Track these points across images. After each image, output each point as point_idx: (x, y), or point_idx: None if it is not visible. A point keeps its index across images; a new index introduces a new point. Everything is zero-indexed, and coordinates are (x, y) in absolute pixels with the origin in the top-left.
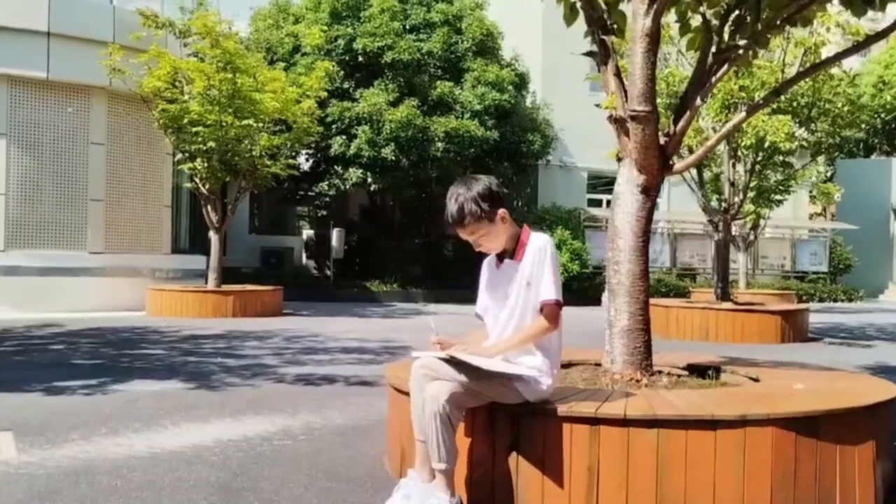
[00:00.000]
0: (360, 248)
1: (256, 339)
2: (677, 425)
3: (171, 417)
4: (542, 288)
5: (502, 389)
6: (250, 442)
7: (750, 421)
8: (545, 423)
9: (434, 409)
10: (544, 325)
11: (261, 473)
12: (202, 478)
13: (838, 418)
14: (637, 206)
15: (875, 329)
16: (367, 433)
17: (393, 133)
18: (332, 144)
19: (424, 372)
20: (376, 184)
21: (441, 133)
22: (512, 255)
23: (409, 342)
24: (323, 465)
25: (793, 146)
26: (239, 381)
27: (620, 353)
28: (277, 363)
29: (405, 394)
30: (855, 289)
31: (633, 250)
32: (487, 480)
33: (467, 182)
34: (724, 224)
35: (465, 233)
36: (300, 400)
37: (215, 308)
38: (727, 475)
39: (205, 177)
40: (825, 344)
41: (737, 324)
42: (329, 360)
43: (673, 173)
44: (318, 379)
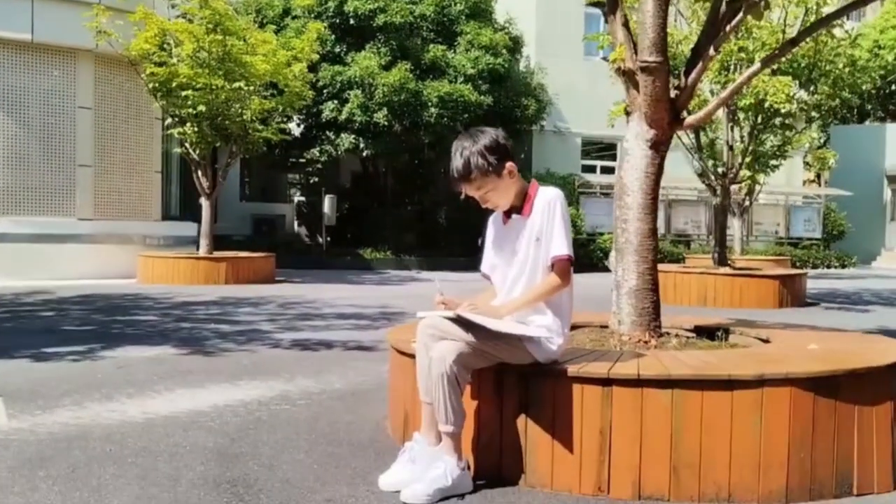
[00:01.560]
0: (352, 215)
1: (250, 305)
2: (693, 386)
3: (165, 383)
4: (552, 243)
5: (511, 350)
6: (247, 407)
7: (768, 381)
8: (555, 384)
9: (441, 370)
10: (556, 283)
11: (259, 438)
12: (199, 443)
13: (858, 378)
14: (646, 162)
15: (871, 294)
16: (367, 398)
17: (385, 98)
18: (324, 109)
19: (431, 332)
20: (369, 149)
21: (434, 98)
22: (520, 211)
23: (406, 308)
24: (323, 429)
25: (792, 108)
26: (234, 347)
27: (628, 314)
28: (273, 329)
29: (409, 356)
30: (848, 255)
31: (642, 208)
32: (495, 443)
33: (473, 135)
34: (722, 189)
35: (471, 188)
36: (297, 365)
37: (207, 275)
38: (743, 437)
39: (195, 142)
40: (823, 309)
41: (735, 289)
42: (325, 325)
43: (685, 128)
44: (314, 344)
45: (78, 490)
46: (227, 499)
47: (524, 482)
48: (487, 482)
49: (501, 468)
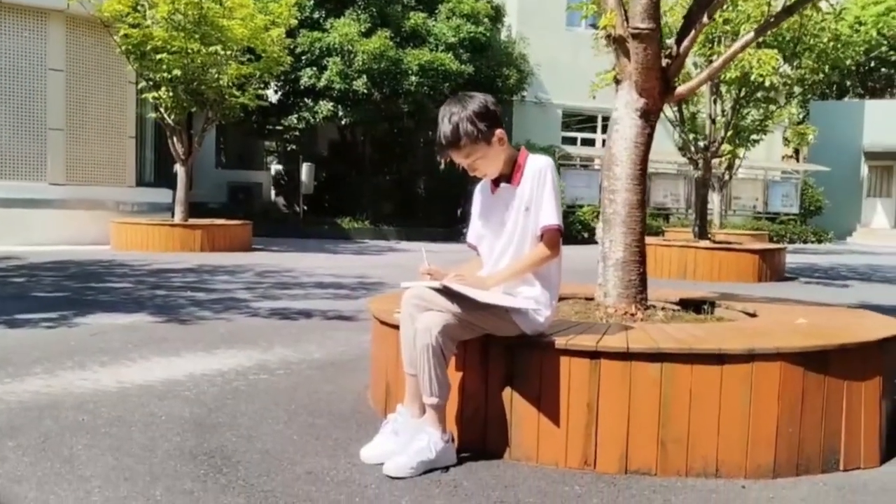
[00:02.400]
0: (330, 184)
1: (227, 273)
2: (682, 359)
3: (140, 351)
4: (541, 213)
5: (498, 321)
6: (225, 376)
7: (758, 355)
8: (542, 357)
9: (426, 341)
10: (544, 253)
11: (237, 408)
12: (175, 413)
13: (849, 353)
14: (636, 132)
15: (847, 269)
16: (347, 368)
17: (365, 65)
18: (302, 76)
19: (416, 302)
20: (347, 117)
21: (415, 66)
22: (509, 180)
23: (385, 278)
24: (302, 400)
25: (777, 81)
26: (211, 315)
27: (614, 286)
28: (250, 297)
29: (392, 326)
30: (825, 230)
31: (631, 178)
32: (479, 416)
33: (461, 100)
34: (704, 162)
35: (459, 155)
36: (275, 334)
37: (183, 242)
38: (732, 412)
39: (170, 107)
40: (801, 283)
41: (714, 262)
42: (304, 294)
43: (676, 97)
44: (293, 313)
45: (49, 461)
46: (204, 470)
47: (509, 455)
48: (471, 455)
49: (486, 441)
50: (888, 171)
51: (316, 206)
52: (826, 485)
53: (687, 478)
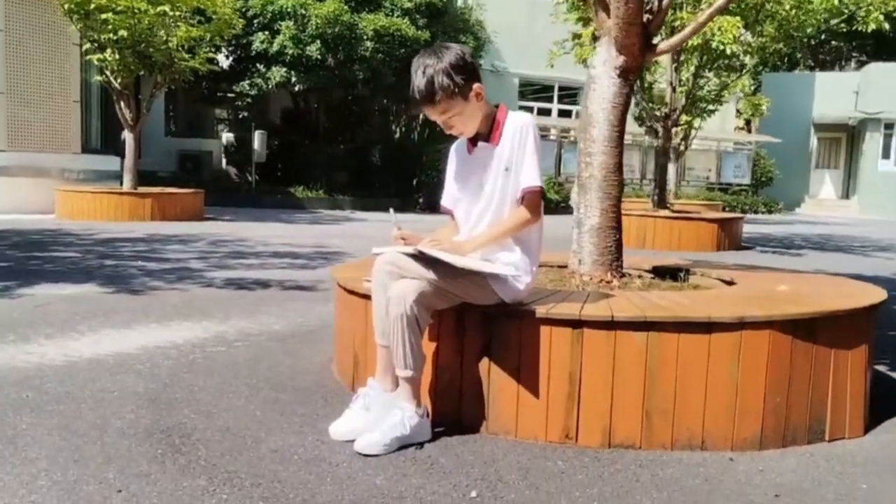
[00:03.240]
0: (282, 152)
1: (179, 242)
2: (670, 328)
3: (89, 323)
4: (522, 174)
5: (476, 289)
6: (180, 349)
7: (748, 323)
8: (522, 326)
9: (400, 311)
10: (525, 217)
11: (195, 383)
12: (128, 388)
13: (837, 321)
14: (614, 92)
15: (801, 239)
16: (309, 340)
17: (319, 30)
18: (254, 41)
19: (389, 269)
20: (301, 84)
21: (370, 31)
22: (487, 138)
23: (343, 248)
24: (264, 373)
25: (738, 49)
26: (163, 285)
27: (590, 253)
28: (204, 267)
29: (358, 295)
30: (775, 201)
31: (608, 140)
32: (454, 389)
33: (436, 51)
34: (664, 131)
35: (434, 112)
36: (232, 305)
37: (132, 211)
38: (720, 382)
39: (116, 70)
40: (758, 252)
41: (674, 231)
42: (259, 264)
43: (657, 54)
44: (249, 283)
45: None
46: (161, 450)
47: (486, 429)
48: (446, 429)
49: (461, 415)
50: (836, 143)
51: (268, 175)
52: (813, 456)
53: (672, 451)
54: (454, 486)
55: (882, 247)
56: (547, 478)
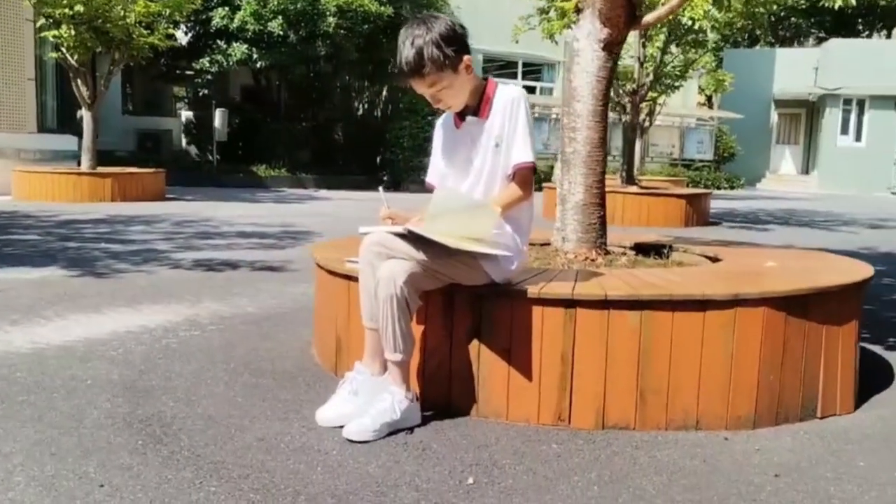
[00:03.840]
0: (243, 130)
1: (142, 223)
2: (664, 306)
3: (55, 308)
4: (514, 149)
5: (466, 269)
6: (152, 334)
7: (742, 301)
8: (512, 307)
9: (390, 292)
10: (517, 193)
11: (171, 369)
12: (101, 376)
13: (829, 297)
14: (598, 65)
15: (765, 214)
16: (284, 322)
17: (280, 5)
18: (213, 17)
19: (378, 250)
20: (262, 61)
21: (333, 7)
22: (476, 112)
23: (311, 227)
24: (241, 358)
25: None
26: (129, 268)
27: (574, 231)
28: (170, 248)
29: (340, 276)
30: (737, 176)
31: (592, 115)
32: (443, 372)
33: (425, 21)
34: (632, 107)
35: (422, 85)
36: (202, 287)
37: (92, 192)
38: (714, 360)
39: (72, 46)
40: (726, 227)
41: (643, 207)
42: (227, 244)
43: (642, 26)
44: (218, 264)
45: None
46: (142, 441)
47: (476, 413)
48: (436, 413)
49: (451, 398)
50: (796, 119)
51: (230, 154)
52: (808, 433)
53: (667, 431)
54: (449, 472)
55: (845, 221)
56: (543, 461)
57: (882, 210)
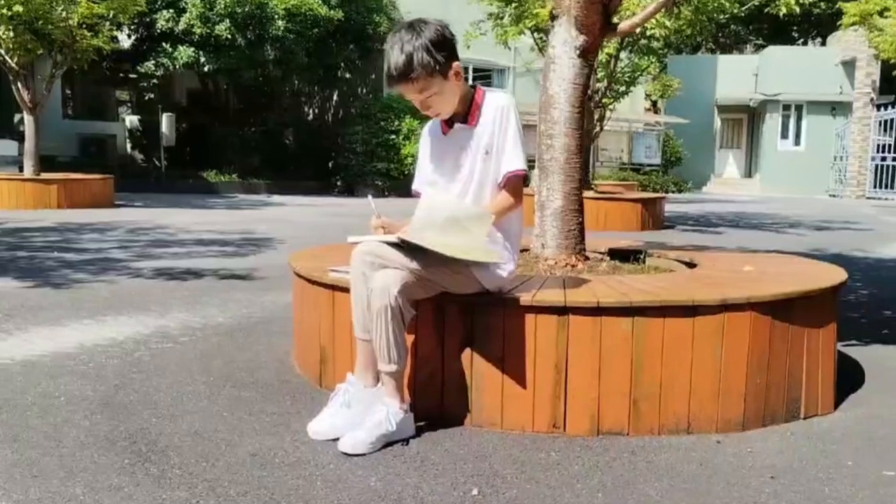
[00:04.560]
0: (191, 135)
1: (94, 231)
2: (655, 313)
3: (14, 321)
4: (504, 157)
5: (459, 278)
6: (122, 347)
7: (730, 306)
8: (505, 315)
9: (384, 303)
10: (509, 202)
11: (148, 383)
12: (75, 392)
13: (811, 300)
14: (574, 72)
15: (716, 217)
16: (258, 332)
17: (228, 8)
18: (158, 19)
19: (370, 259)
20: (210, 64)
21: (281, 10)
22: (464, 119)
23: (271, 233)
24: (219, 370)
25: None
26: (87, 278)
27: (553, 237)
28: (127, 257)
29: (323, 286)
30: (684, 180)
31: (569, 122)
32: (436, 382)
33: (415, 26)
34: (588, 112)
35: (411, 90)
36: (168, 297)
37: (36, 198)
38: (704, 364)
39: (12, 48)
40: (680, 231)
41: (600, 211)
42: (186, 252)
43: (618, 34)
44: (181, 273)
45: None
46: (128, 460)
47: (470, 422)
48: (429, 423)
49: (443, 408)
50: (738, 124)
51: (177, 159)
52: (794, 434)
53: (660, 436)
54: (452, 484)
55: (791, 223)
56: (544, 470)
57: (824, 212)
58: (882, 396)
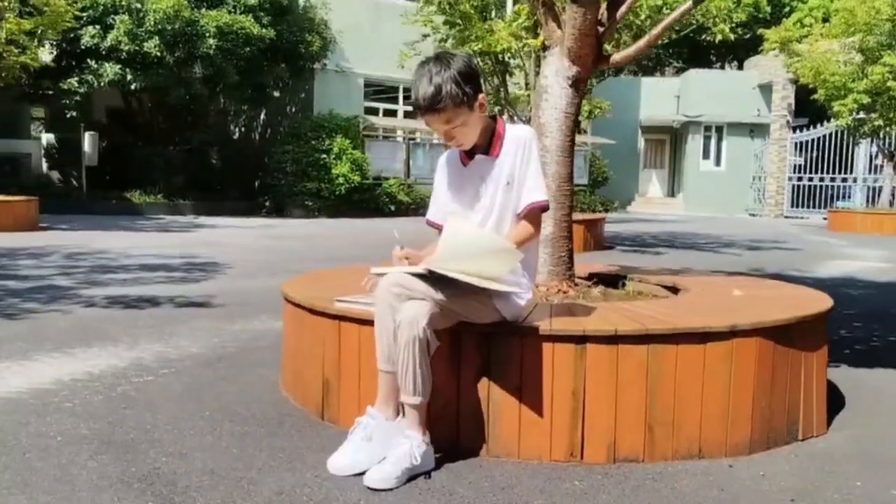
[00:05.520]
0: (112, 154)
1: (29, 256)
2: (669, 340)
3: None
4: (525, 188)
5: (480, 307)
6: (102, 381)
7: (739, 332)
8: (523, 344)
9: (413, 334)
10: (530, 231)
11: (142, 420)
12: (69, 430)
13: (809, 325)
14: (566, 102)
15: (650, 237)
16: (238, 363)
17: (158, 25)
18: (83, 35)
19: (397, 291)
20: (137, 82)
21: (213, 28)
22: (486, 151)
23: (213, 257)
24: (212, 404)
25: None
26: (39, 307)
27: (544, 263)
28: (74, 284)
29: (328, 316)
30: (610, 200)
31: (561, 150)
32: (451, 412)
33: (442, 58)
34: None
35: (438, 121)
36: (131, 327)
37: None
38: (714, 390)
39: None
40: (621, 252)
41: None
42: (133, 278)
43: (610, 65)
44: (136, 301)
45: None
46: (151, 502)
47: (486, 452)
48: (445, 454)
49: (459, 438)
50: (661, 144)
51: (98, 180)
52: (798, 456)
53: (674, 461)
54: None
55: (724, 243)
56: (573, 500)
57: (751, 231)
58: (866, 415)
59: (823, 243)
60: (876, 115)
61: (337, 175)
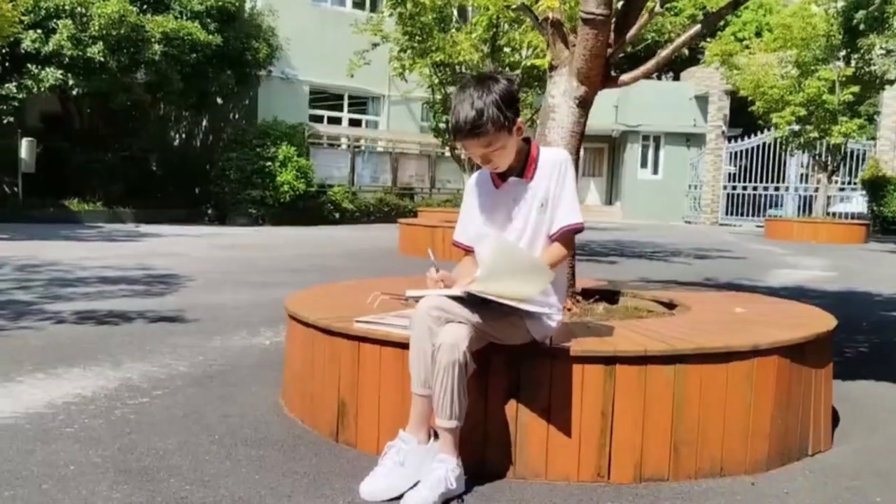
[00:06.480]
0: (48, 161)
1: None
2: (694, 360)
3: None
4: (560, 210)
5: (512, 329)
6: (97, 404)
7: (760, 351)
8: (552, 365)
9: (453, 358)
10: (563, 253)
11: (151, 445)
12: (79, 459)
13: (820, 342)
14: (573, 121)
15: (598, 245)
16: (232, 382)
17: (102, 30)
18: (24, 39)
19: (437, 314)
20: (79, 87)
21: (158, 34)
22: (520, 173)
23: (171, 269)
24: (218, 427)
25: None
26: (7, 324)
27: None
28: (35, 299)
29: (346, 337)
30: None
31: None
32: (478, 433)
33: (483, 82)
34: None
35: (477, 144)
36: (108, 345)
37: None
38: (736, 408)
39: None
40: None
41: None
42: (97, 292)
43: (618, 85)
44: (106, 317)
45: None
46: None
47: (513, 474)
48: (471, 476)
49: (486, 460)
50: (600, 153)
51: (34, 187)
52: (813, 472)
53: (697, 479)
54: None
55: (672, 251)
56: None
57: (694, 240)
58: (864, 428)
59: (766, 252)
60: (811, 126)
61: (282, 182)
